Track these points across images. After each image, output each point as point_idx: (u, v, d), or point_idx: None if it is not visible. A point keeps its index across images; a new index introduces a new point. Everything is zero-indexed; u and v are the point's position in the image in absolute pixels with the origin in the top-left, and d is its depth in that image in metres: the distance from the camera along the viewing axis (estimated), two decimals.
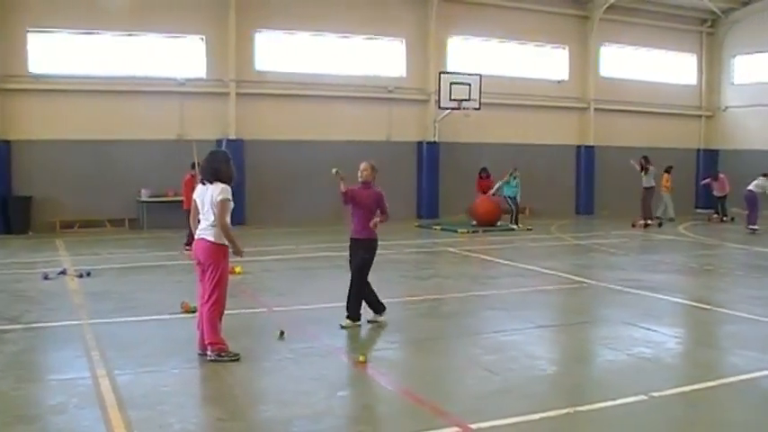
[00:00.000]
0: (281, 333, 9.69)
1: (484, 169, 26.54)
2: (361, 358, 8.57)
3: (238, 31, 24.82)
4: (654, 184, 26.43)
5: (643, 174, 26.33)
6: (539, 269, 16.32)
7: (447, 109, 26.76)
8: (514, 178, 24.95)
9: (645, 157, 26.57)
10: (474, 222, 25.05)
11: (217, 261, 8.66)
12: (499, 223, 24.92)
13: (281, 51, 26.08)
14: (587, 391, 8.03)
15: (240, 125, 24.97)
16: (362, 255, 10.49)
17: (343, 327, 10.31)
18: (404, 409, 7.47)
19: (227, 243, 8.69)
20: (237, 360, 8.60)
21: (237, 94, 24.99)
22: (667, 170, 29.49)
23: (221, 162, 8.84)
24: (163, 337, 9.76)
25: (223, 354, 8.61)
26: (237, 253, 8.86)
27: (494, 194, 25.16)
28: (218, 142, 23.77)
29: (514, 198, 24.98)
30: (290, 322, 10.50)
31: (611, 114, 31.76)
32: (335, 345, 9.49)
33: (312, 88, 26.02)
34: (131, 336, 9.94)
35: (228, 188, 8.67)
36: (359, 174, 10.58)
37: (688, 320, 12.23)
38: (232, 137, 24.69)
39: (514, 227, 24.57)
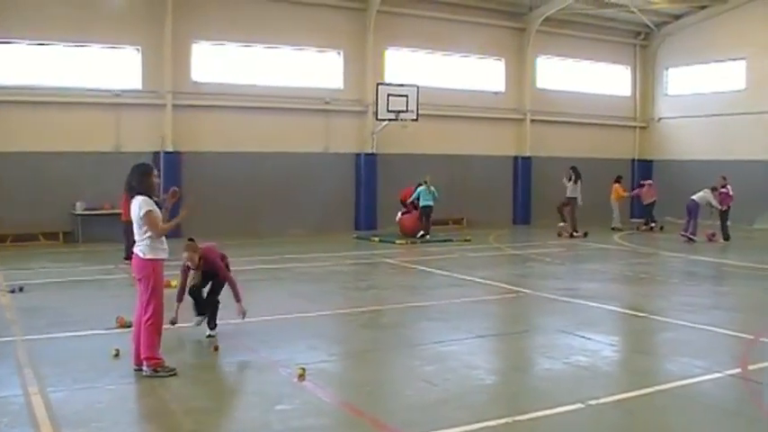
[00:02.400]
0: (215, 348, 9.65)
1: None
2: (300, 371, 8.52)
3: (175, 41, 24.52)
4: (577, 194, 26.58)
5: (574, 183, 26.57)
6: (477, 279, 16.41)
7: (385, 120, 26.79)
8: (426, 184, 24.84)
9: (573, 168, 26.88)
10: (400, 235, 24.99)
11: (148, 276, 8.64)
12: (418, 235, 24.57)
13: (218, 62, 25.82)
14: (526, 400, 8.08)
15: (177, 137, 24.66)
16: None
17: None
18: (343, 421, 7.45)
19: (159, 258, 8.70)
20: (174, 375, 8.51)
21: (174, 105, 24.63)
22: (617, 180, 30.04)
23: (137, 175, 8.86)
24: (98, 353, 9.58)
25: (159, 369, 8.51)
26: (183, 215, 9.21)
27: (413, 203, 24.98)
28: (155, 154, 23.53)
29: (431, 207, 24.75)
30: (227, 336, 10.41)
31: (548, 125, 32.07)
32: (273, 358, 9.41)
33: (250, 99, 25.84)
34: (65, 352, 9.77)
35: (148, 199, 8.69)
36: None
37: (624, 328, 12.40)
38: (169, 149, 24.38)
39: (428, 237, 24.41)
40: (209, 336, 10.40)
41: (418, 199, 24.72)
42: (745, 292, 15.81)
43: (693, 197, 25.44)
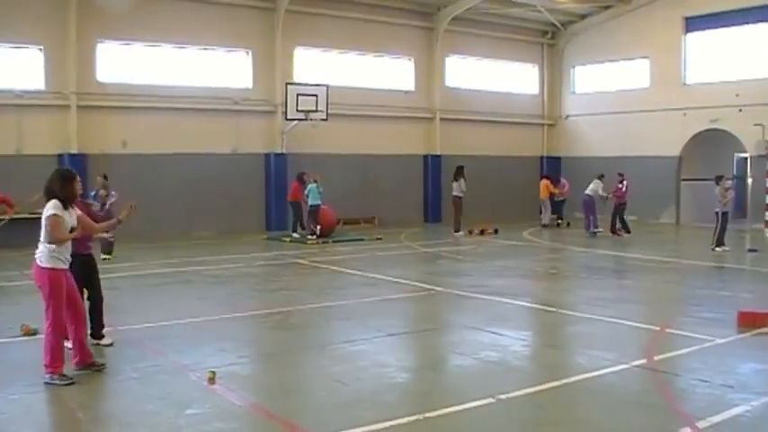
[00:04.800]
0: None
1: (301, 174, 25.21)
2: (210, 375, 8.40)
3: (79, 41, 23.97)
4: (458, 192, 26.75)
5: (455, 182, 26.84)
6: (388, 278, 16.43)
7: (294, 120, 26.67)
8: (316, 183, 24.40)
9: (459, 167, 27.11)
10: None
11: (43, 284, 8.51)
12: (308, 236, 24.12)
13: (124, 62, 25.32)
14: (436, 397, 8.11)
15: (82, 139, 24.11)
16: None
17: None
18: (254, 424, 7.39)
19: (56, 267, 8.50)
20: (71, 384, 8.28)
21: (79, 106, 24.11)
22: (546, 177, 30.73)
23: (59, 180, 8.69)
24: (1, 362, 9.32)
25: (55, 377, 8.32)
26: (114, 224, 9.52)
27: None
28: (60, 157, 23.00)
29: (319, 206, 24.33)
30: (134, 341, 10.22)
31: (458, 124, 32.36)
32: (182, 362, 9.26)
33: (157, 100, 25.41)
34: None
35: (56, 203, 8.51)
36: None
37: (534, 323, 12.56)
38: (74, 151, 23.82)
39: (311, 237, 23.97)
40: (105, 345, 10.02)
41: (308, 196, 24.32)
42: (650, 285, 16.20)
43: (587, 191, 26.15)
